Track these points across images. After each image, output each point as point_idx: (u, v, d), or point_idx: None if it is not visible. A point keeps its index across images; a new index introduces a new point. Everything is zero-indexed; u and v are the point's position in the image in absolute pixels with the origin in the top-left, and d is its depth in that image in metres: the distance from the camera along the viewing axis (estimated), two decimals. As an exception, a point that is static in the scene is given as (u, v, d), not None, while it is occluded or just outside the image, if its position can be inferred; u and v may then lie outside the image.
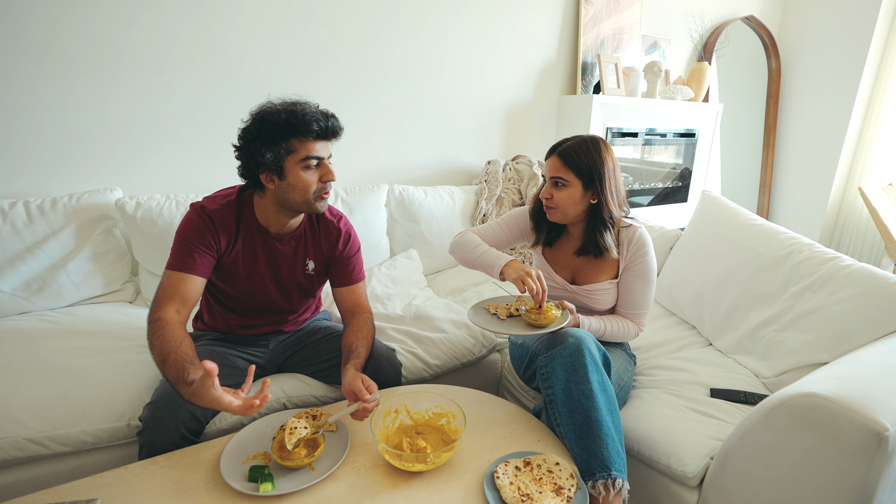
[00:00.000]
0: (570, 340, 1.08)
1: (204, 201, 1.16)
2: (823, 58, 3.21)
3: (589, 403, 1.02)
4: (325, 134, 1.10)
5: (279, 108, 1.09)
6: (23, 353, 1.27)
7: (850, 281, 1.27)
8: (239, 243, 1.18)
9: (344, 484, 0.91)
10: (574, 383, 1.04)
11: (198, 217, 1.13)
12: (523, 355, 1.31)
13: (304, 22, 1.90)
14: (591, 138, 1.23)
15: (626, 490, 0.98)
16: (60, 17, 1.53)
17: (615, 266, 1.30)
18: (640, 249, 1.27)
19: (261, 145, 1.07)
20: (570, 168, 1.21)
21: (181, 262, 1.10)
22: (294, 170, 1.09)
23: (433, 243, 2.12)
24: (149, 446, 1.00)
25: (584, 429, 1.01)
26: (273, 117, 1.07)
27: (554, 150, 1.25)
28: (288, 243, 1.23)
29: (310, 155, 1.08)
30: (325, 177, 1.12)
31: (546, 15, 2.47)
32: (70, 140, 1.64)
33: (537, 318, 1.14)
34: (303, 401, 1.29)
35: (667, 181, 3.07)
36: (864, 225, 3.25)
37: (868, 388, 0.87)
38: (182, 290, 1.08)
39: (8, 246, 1.46)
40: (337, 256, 1.28)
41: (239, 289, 1.22)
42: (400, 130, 2.23)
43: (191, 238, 1.11)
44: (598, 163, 1.20)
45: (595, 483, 0.97)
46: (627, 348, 1.41)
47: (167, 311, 1.04)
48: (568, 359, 1.06)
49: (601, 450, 0.98)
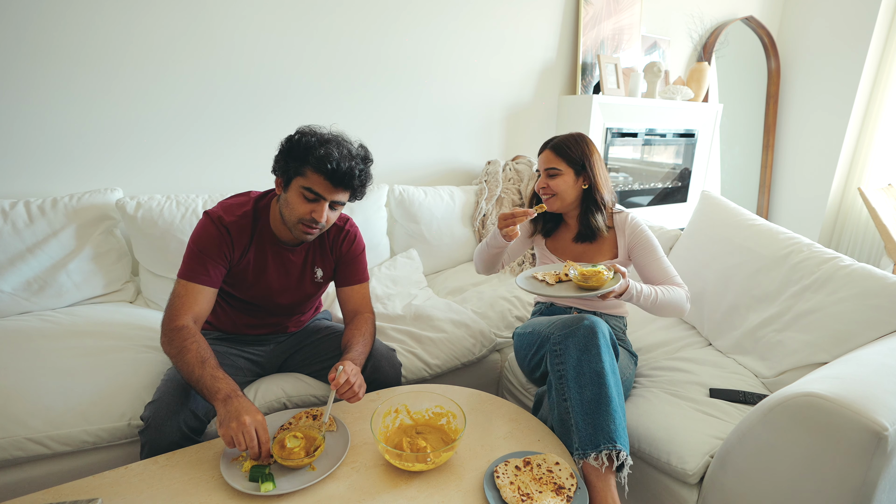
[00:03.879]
0: (586, 322, 1.11)
1: (221, 211, 1.16)
2: (823, 58, 3.22)
3: (600, 380, 1.05)
4: (332, 179, 1.08)
5: (317, 134, 1.11)
6: (23, 352, 1.27)
7: (850, 281, 1.28)
8: (251, 252, 1.19)
9: (344, 484, 0.92)
10: (586, 361, 1.07)
11: (215, 228, 1.13)
12: (532, 342, 1.31)
13: (306, 23, 1.90)
14: (578, 134, 1.40)
15: (628, 465, 1.00)
16: (61, 17, 1.54)
17: (613, 247, 1.39)
18: (636, 228, 1.36)
19: (286, 154, 1.11)
20: (562, 158, 1.35)
21: (196, 274, 1.11)
22: (295, 190, 1.10)
23: (433, 243, 2.12)
24: (151, 445, 1.01)
25: (592, 403, 1.03)
26: (305, 138, 1.10)
27: (546, 146, 1.39)
28: (299, 253, 1.25)
29: (312, 188, 1.09)
30: (315, 213, 1.10)
31: (546, 15, 2.47)
32: (71, 140, 1.64)
33: (588, 281, 1.14)
34: (303, 400, 1.29)
35: (666, 181, 3.07)
36: (863, 225, 3.25)
37: (867, 388, 0.87)
38: (198, 301, 1.11)
39: (8, 246, 1.46)
40: (342, 256, 1.29)
41: (247, 294, 1.24)
42: (400, 130, 2.24)
43: (207, 249, 1.12)
44: (587, 152, 1.36)
45: (599, 454, 0.98)
46: (629, 346, 1.42)
47: (187, 319, 1.07)
48: (582, 339, 1.09)
49: (608, 423, 1.01)
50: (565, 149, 1.35)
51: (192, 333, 1.05)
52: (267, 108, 1.92)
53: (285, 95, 1.94)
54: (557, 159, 1.35)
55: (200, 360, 1.00)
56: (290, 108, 1.97)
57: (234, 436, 0.90)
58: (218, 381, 0.98)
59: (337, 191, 1.11)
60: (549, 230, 1.47)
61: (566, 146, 1.36)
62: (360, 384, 1.06)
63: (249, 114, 1.89)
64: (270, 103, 1.92)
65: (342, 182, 1.10)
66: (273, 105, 1.93)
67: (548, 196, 1.37)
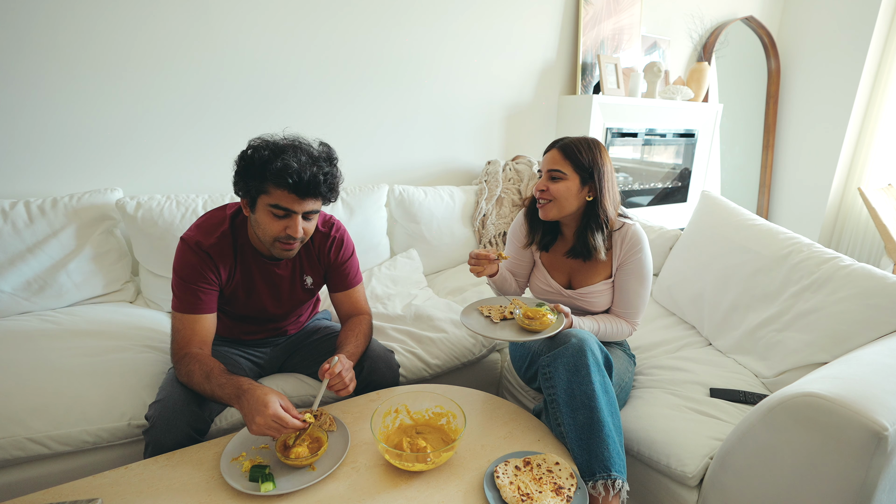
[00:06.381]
0: (573, 341, 1.07)
1: (197, 235, 1.11)
2: (823, 58, 3.22)
3: (591, 404, 1.02)
4: (297, 191, 1.01)
5: (271, 145, 1.03)
6: (24, 352, 1.27)
7: (850, 281, 1.28)
8: (238, 274, 1.17)
9: (344, 484, 0.92)
10: (577, 384, 1.04)
11: (194, 255, 1.09)
12: (524, 355, 1.31)
13: (306, 24, 1.90)
14: (592, 138, 1.25)
15: (625, 491, 0.98)
16: (62, 18, 1.54)
17: (609, 266, 1.29)
18: (633, 247, 1.25)
19: (243, 174, 1.04)
20: (569, 161, 1.21)
21: (189, 305, 1.10)
22: (262, 209, 1.05)
23: (433, 243, 2.12)
24: (155, 444, 1.01)
25: (585, 429, 1.01)
26: (258, 153, 1.02)
27: (554, 144, 1.25)
28: (285, 267, 1.21)
29: (279, 204, 1.02)
30: (289, 229, 1.05)
31: (546, 15, 2.47)
32: (71, 140, 1.64)
33: (531, 323, 1.13)
34: (303, 401, 1.29)
35: (666, 181, 3.07)
36: (863, 225, 3.25)
37: (867, 387, 0.87)
38: (198, 331, 1.10)
39: (9, 246, 1.46)
40: (331, 263, 1.26)
41: (242, 310, 1.23)
42: (400, 130, 2.24)
43: (192, 279, 1.09)
44: (599, 161, 1.21)
45: (595, 483, 0.97)
46: (627, 348, 1.41)
47: (192, 348, 1.07)
48: (571, 359, 1.06)
49: (602, 450, 0.99)
50: (575, 151, 1.21)
51: (194, 356, 1.05)
52: (268, 109, 1.92)
53: (286, 96, 1.94)
54: (564, 161, 1.21)
55: (205, 376, 1.01)
56: (291, 109, 1.97)
57: (262, 433, 0.91)
58: (224, 388, 0.98)
59: (306, 201, 1.04)
60: (548, 244, 1.34)
61: (577, 149, 1.21)
62: (352, 378, 1.07)
63: (250, 114, 1.89)
64: (271, 104, 1.92)
65: (308, 191, 1.02)
66: (274, 106, 1.93)
67: (544, 201, 1.23)
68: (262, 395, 0.93)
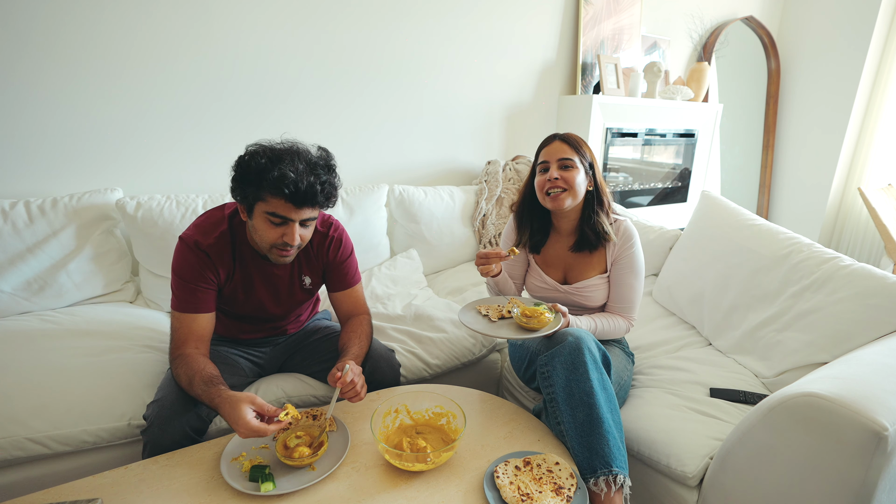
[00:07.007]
0: (570, 339, 1.08)
1: (196, 234, 1.11)
2: (823, 58, 3.22)
3: (590, 401, 1.02)
4: (294, 200, 1.01)
5: (268, 152, 1.03)
6: (24, 352, 1.27)
7: (850, 281, 1.27)
8: (237, 274, 1.17)
9: (344, 484, 0.92)
10: (575, 382, 1.04)
11: (193, 254, 1.10)
12: (523, 356, 1.31)
13: (307, 25, 1.90)
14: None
15: (627, 486, 0.98)
16: (63, 18, 1.54)
17: (603, 261, 1.31)
18: (626, 241, 1.29)
19: (240, 180, 1.04)
20: (575, 151, 1.26)
21: (187, 304, 1.10)
22: (259, 216, 1.05)
23: (433, 243, 2.12)
24: (153, 445, 1.01)
25: (585, 426, 1.01)
26: (255, 160, 1.01)
27: (555, 137, 1.29)
28: (284, 267, 1.21)
29: (276, 212, 1.02)
30: (286, 237, 1.05)
31: (546, 15, 2.47)
32: (71, 140, 1.64)
33: (529, 322, 1.13)
34: (303, 401, 1.29)
35: (666, 181, 3.07)
36: (863, 225, 3.25)
37: (867, 387, 0.87)
38: (196, 330, 1.10)
39: (9, 246, 1.46)
40: (330, 263, 1.26)
41: (241, 309, 1.23)
42: (400, 130, 2.24)
43: (191, 278, 1.10)
44: (591, 153, 1.29)
45: (597, 480, 0.97)
46: (625, 346, 1.41)
47: (187, 348, 1.08)
48: (568, 357, 1.06)
49: (602, 446, 0.99)
50: (577, 143, 1.26)
51: (185, 358, 1.05)
52: (268, 109, 1.92)
53: (286, 97, 1.95)
54: (572, 150, 1.24)
55: (189, 382, 1.02)
56: (291, 110, 1.97)
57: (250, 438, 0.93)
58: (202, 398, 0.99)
59: (303, 210, 1.04)
60: (537, 244, 1.35)
61: (576, 141, 1.26)
62: (363, 384, 1.06)
63: (251, 114, 1.89)
64: (272, 104, 1.92)
65: (305, 201, 1.02)
66: (274, 106, 1.93)
67: (559, 190, 1.22)
68: (230, 410, 0.91)
